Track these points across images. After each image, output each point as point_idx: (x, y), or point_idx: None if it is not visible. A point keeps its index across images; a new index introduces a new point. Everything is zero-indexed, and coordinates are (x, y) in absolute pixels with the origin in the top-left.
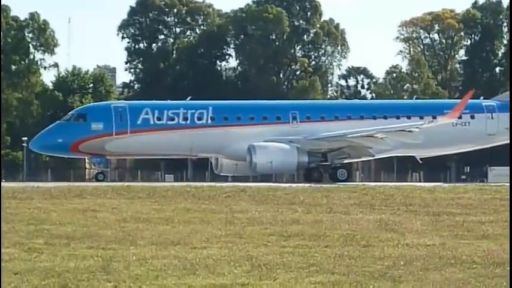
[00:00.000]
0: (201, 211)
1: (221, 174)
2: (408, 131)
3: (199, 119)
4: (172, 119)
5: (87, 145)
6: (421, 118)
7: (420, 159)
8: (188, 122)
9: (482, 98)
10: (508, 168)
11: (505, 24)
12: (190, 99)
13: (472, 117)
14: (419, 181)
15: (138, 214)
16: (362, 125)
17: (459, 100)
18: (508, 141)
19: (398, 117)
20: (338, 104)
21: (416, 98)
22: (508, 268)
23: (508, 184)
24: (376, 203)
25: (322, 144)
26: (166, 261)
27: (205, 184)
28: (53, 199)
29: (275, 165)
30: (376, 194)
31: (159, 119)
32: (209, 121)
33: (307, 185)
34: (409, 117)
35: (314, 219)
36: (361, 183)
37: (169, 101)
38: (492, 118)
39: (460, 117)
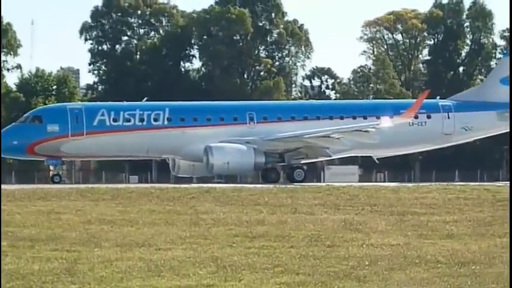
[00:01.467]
0: (166, 212)
1: (178, 175)
2: (364, 131)
3: (156, 120)
4: (129, 120)
5: (43, 147)
6: (378, 118)
7: (378, 159)
8: (145, 123)
9: (438, 97)
10: (345, 167)
11: (466, 24)
12: (147, 100)
13: (429, 116)
14: (384, 181)
15: (102, 216)
16: (319, 125)
17: (415, 100)
18: (464, 141)
19: (354, 118)
20: (294, 105)
21: (376, 99)
22: (472, 267)
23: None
24: (340, 203)
25: (278, 145)
26: (131, 263)
27: (169, 185)
28: (17, 201)
29: (232, 166)
30: (340, 194)
31: (115, 120)
32: (166, 122)
33: (271, 185)
34: (365, 118)
35: (279, 220)
36: (325, 183)
37: (125, 102)
38: (449, 118)
39: (416, 117)
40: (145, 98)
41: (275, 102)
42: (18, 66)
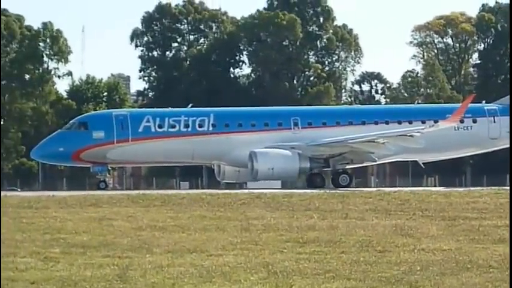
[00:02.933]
0: (217, 218)
1: (223, 181)
2: (409, 136)
3: (201, 126)
4: (174, 127)
5: (88, 153)
6: (423, 122)
7: (426, 163)
8: (189, 129)
9: (484, 101)
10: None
11: None
12: (192, 106)
13: (474, 121)
14: (435, 186)
15: (153, 222)
16: (363, 130)
17: (460, 104)
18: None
19: (400, 122)
20: (339, 110)
21: (426, 103)
22: None
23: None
24: (391, 208)
25: (323, 150)
26: (182, 269)
27: (220, 191)
28: (69, 208)
29: (276, 172)
30: (391, 199)
31: (160, 126)
32: (210, 128)
33: (321, 191)
34: (411, 122)
35: (329, 225)
36: (375, 188)
37: (170, 109)
38: (494, 122)
39: (462, 122)
40: (190, 104)
41: (320, 107)
42: (69, 73)
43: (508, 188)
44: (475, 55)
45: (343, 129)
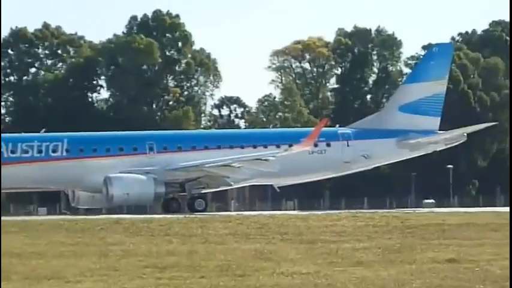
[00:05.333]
0: (75, 244)
1: (78, 207)
2: (264, 160)
3: (54, 151)
4: (27, 152)
5: None
6: (278, 147)
7: (283, 187)
8: (43, 154)
9: (337, 126)
10: None
11: (374, 52)
12: (45, 132)
13: (328, 145)
14: (294, 209)
15: (10, 248)
16: (219, 154)
17: (313, 128)
18: (364, 169)
19: (255, 146)
20: (195, 134)
21: (284, 127)
22: None
23: None
24: (251, 232)
25: (179, 175)
26: None
27: (79, 217)
28: None
29: (132, 197)
30: (250, 223)
31: (13, 152)
32: (64, 153)
33: (182, 215)
34: (265, 146)
35: (189, 250)
36: (235, 212)
37: (23, 134)
38: (348, 146)
39: (316, 145)
40: (43, 129)
41: (175, 132)
42: None
43: (365, 211)
44: (333, 79)
45: (198, 154)
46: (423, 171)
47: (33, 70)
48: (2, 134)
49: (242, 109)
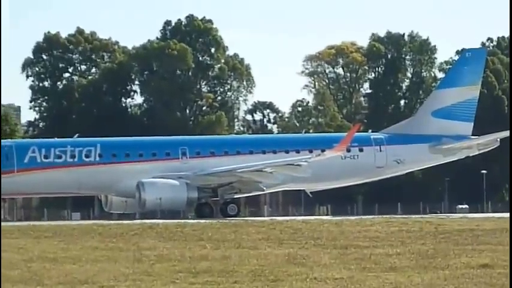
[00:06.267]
0: (109, 249)
1: (111, 212)
2: (296, 165)
3: (87, 156)
4: (60, 157)
5: None
6: (310, 152)
7: (316, 192)
8: (76, 159)
9: (370, 131)
10: None
11: (408, 56)
12: (79, 137)
13: (361, 150)
14: (327, 214)
15: (44, 253)
16: (251, 159)
17: (346, 134)
18: (396, 174)
19: (287, 152)
20: (227, 139)
21: (321, 132)
22: None
23: None
24: (284, 237)
25: (211, 180)
26: None
27: (112, 222)
28: None
29: (164, 202)
30: (284, 228)
31: (46, 157)
32: (97, 158)
33: (215, 220)
34: (298, 151)
35: (222, 255)
36: (268, 217)
37: (56, 139)
38: (381, 151)
39: (348, 150)
40: (76, 134)
41: (208, 137)
42: None
43: (399, 216)
44: (366, 84)
45: (231, 159)
46: (456, 176)
47: (67, 75)
48: (36, 139)
49: (275, 114)
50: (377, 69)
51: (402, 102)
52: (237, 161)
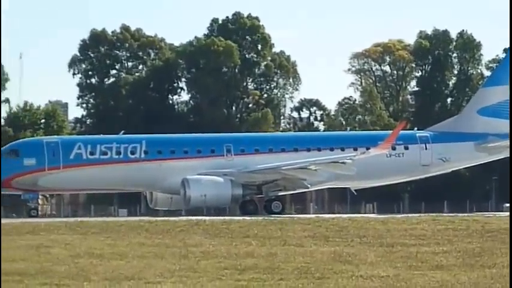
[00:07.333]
0: (155, 245)
1: (156, 208)
2: (341, 163)
3: (133, 153)
4: (105, 154)
5: (19, 181)
6: (355, 149)
7: (363, 190)
8: (121, 156)
9: (416, 129)
10: None
11: (454, 54)
12: (125, 133)
13: (406, 148)
14: (373, 212)
15: (91, 249)
16: (296, 157)
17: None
18: (442, 172)
19: (332, 149)
20: (272, 137)
21: (363, 130)
22: None
23: None
24: (330, 234)
25: (256, 177)
26: None
27: (159, 218)
28: (6, 235)
29: (209, 199)
30: (329, 226)
31: (92, 153)
32: (142, 155)
33: (260, 218)
34: (343, 149)
35: (268, 252)
36: (314, 215)
37: (102, 136)
38: (426, 149)
39: (394, 148)
40: (122, 131)
41: (252, 134)
42: (6, 100)
43: (445, 214)
44: (413, 82)
45: (275, 156)
46: (504, 175)
47: (113, 72)
48: (81, 136)
49: (321, 112)
50: (424, 67)
51: (449, 100)
52: (282, 158)
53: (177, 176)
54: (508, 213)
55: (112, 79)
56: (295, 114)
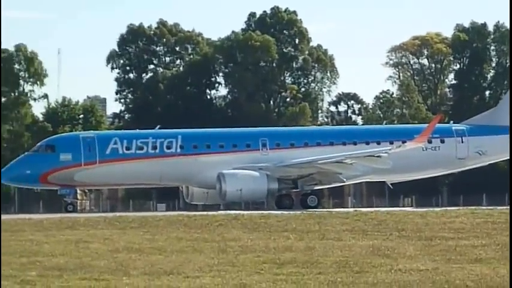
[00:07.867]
0: (194, 240)
1: (192, 203)
2: (377, 156)
3: (169, 147)
4: (141, 148)
5: (56, 176)
6: (391, 143)
7: (400, 183)
8: (157, 151)
9: (452, 122)
10: None
11: (492, 47)
12: (160, 128)
13: (442, 141)
14: (411, 206)
15: (130, 244)
16: (331, 151)
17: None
18: (478, 165)
19: (367, 143)
20: (307, 131)
21: (405, 123)
22: None
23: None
24: (368, 228)
25: (292, 171)
26: None
27: (197, 213)
28: (45, 231)
29: (245, 193)
30: (368, 220)
31: (128, 148)
32: (178, 149)
33: (299, 212)
34: (378, 143)
35: (307, 246)
36: (352, 208)
37: (138, 131)
38: (462, 142)
39: (430, 142)
40: (158, 126)
41: (288, 129)
42: (45, 96)
43: (484, 208)
44: (451, 75)
45: (311, 150)
46: None
47: (151, 67)
48: (118, 131)
49: (359, 105)
50: (462, 60)
51: (487, 93)
52: (317, 152)
53: (213, 171)
54: None
55: (150, 74)
56: (332, 108)
